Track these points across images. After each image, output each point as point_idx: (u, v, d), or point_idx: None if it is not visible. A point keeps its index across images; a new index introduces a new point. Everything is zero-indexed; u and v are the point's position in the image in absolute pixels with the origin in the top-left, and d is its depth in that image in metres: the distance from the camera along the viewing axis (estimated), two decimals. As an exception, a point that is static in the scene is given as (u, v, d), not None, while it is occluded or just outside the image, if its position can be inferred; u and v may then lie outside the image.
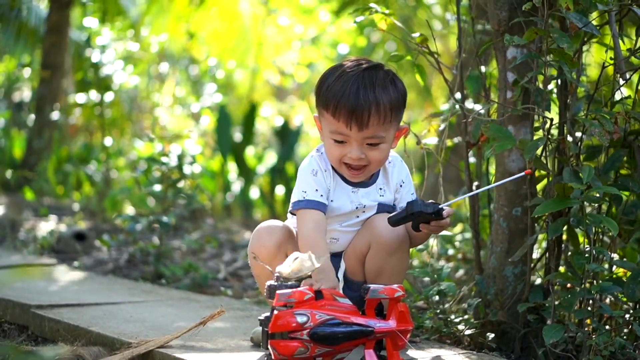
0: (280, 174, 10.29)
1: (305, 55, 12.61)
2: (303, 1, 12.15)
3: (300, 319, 2.95)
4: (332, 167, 3.52)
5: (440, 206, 3.28)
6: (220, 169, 10.31)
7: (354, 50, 11.75)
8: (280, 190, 10.23)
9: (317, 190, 3.46)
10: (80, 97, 10.36)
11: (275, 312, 2.97)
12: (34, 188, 10.13)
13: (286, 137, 10.68)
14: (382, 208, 3.54)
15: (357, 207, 3.51)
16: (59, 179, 10.53)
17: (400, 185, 3.59)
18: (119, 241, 6.46)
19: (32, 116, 12.12)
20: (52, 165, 10.69)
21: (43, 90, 11.52)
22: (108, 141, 10.11)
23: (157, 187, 6.03)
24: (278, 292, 2.96)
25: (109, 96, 10.11)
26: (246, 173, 10.47)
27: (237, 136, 10.77)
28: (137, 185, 8.21)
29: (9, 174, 11.02)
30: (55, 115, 11.03)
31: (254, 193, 10.40)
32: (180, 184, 6.04)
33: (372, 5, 4.08)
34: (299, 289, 3.00)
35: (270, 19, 12.05)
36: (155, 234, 6.09)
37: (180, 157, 6.03)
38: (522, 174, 3.44)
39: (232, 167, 10.68)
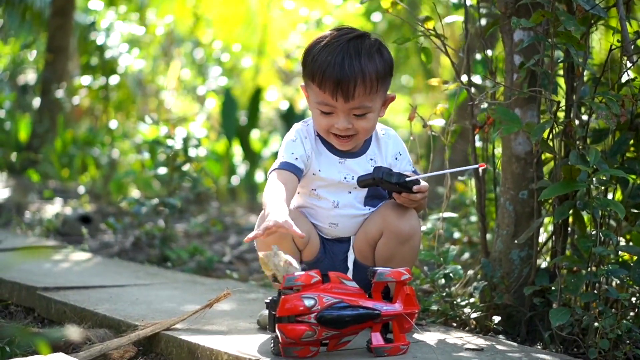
0: (285, 158, 10.31)
1: (310, 38, 12.59)
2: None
3: (308, 302, 2.95)
4: (320, 138, 3.51)
5: (407, 179, 3.31)
6: (225, 153, 10.31)
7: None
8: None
9: (292, 153, 3.46)
10: (85, 80, 10.37)
11: (283, 295, 2.97)
12: (39, 171, 10.14)
13: (291, 120, 10.65)
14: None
15: (345, 177, 3.48)
16: (64, 162, 10.54)
17: (396, 158, 3.57)
18: (125, 224, 6.46)
19: (38, 99, 12.11)
20: (58, 148, 10.70)
21: (48, 73, 11.51)
22: (113, 124, 10.12)
23: (163, 170, 6.03)
24: (285, 275, 2.96)
25: (114, 79, 10.12)
26: (251, 156, 10.47)
27: (243, 119, 10.76)
28: (143, 168, 8.23)
29: (14, 156, 11.03)
30: (59, 94, 11.02)
31: (259, 176, 10.40)
32: (186, 167, 6.04)
33: (378, -12, 4.07)
34: (305, 271, 2.99)
35: (275, 2, 12.02)
36: (160, 217, 6.10)
37: (186, 140, 6.02)
38: (476, 166, 3.44)
39: (237, 151, 10.68)
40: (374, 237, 3.48)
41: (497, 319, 3.77)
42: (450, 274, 3.82)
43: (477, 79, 4.32)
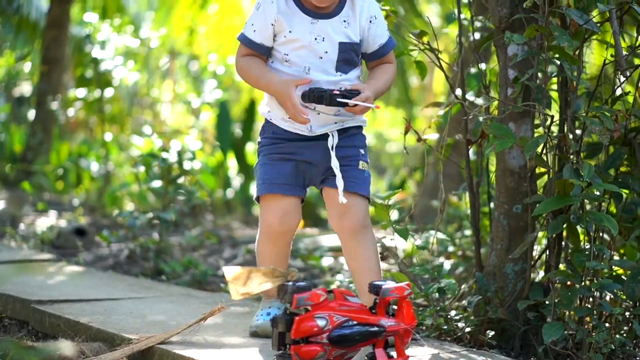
0: (280, 170, 10.29)
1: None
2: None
3: (321, 323, 2.98)
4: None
5: (343, 92, 3.38)
6: (220, 165, 10.32)
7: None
8: (280, 186, 10.23)
9: (252, 24, 3.53)
10: (80, 92, 10.37)
11: (295, 316, 2.99)
12: (34, 183, 10.12)
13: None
14: (346, 47, 3.50)
15: (315, 39, 3.47)
16: (59, 174, 10.53)
17: (370, 21, 3.54)
18: (119, 237, 6.46)
19: (32, 111, 12.11)
20: (52, 160, 10.69)
21: (43, 85, 11.51)
22: (108, 137, 10.12)
23: (157, 183, 6.03)
24: (296, 296, 2.97)
25: (109, 92, 10.12)
26: (246, 169, 10.47)
27: (238, 132, 10.76)
28: (137, 181, 8.22)
29: (8, 168, 11.02)
30: (54, 105, 11.02)
31: (255, 190, 10.38)
32: (180, 180, 6.04)
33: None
34: (313, 290, 3.01)
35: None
36: (155, 230, 6.09)
37: (180, 153, 6.02)
38: (373, 105, 3.44)
39: (232, 163, 10.68)
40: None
41: (491, 333, 3.77)
42: (445, 288, 3.83)
43: (471, 93, 4.34)
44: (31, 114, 12.27)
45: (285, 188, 3.59)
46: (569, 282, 3.65)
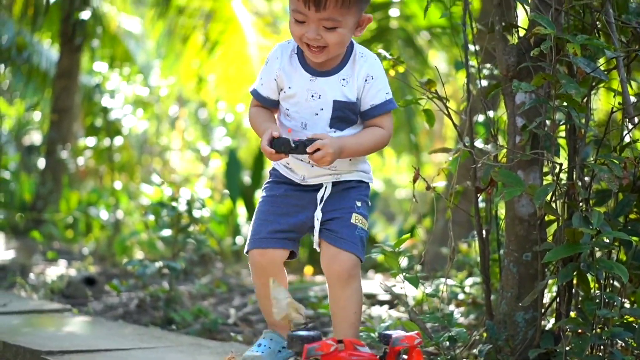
0: (290, 217, 10.26)
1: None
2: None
3: (331, 373, 2.97)
4: (298, 55, 3.57)
5: (302, 141, 3.39)
6: (229, 213, 10.32)
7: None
8: (289, 233, 10.21)
9: (261, 78, 3.63)
10: (90, 141, 10.42)
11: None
12: (44, 232, 10.14)
13: (295, 180, 10.67)
14: (341, 105, 3.52)
15: (312, 96, 3.52)
16: (68, 223, 10.55)
17: (366, 80, 3.54)
18: (129, 286, 6.46)
19: (42, 160, 12.16)
20: (62, 208, 10.71)
21: (53, 134, 11.58)
22: (117, 185, 10.15)
23: (167, 232, 6.04)
24: (306, 346, 2.96)
25: (118, 140, 10.17)
26: (255, 216, 10.46)
27: (247, 180, 10.78)
28: (147, 229, 8.24)
29: (18, 217, 11.05)
30: (64, 154, 11.08)
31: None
32: (190, 229, 6.05)
33: (380, 51, 4.11)
34: (323, 340, 3.00)
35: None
36: (165, 278, 6.09)
37: (190, 202, 6.03)
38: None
39: (241, 211, 10.68)
40: None
41: (502, 381, 3.75)
42: (455, 337, 3.81)
43: (479, 141, 4.35)
44: (41, 163, 12.34)
45: (261, 241, 3.65)
46: (579, 330, 3.63)
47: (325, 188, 3.59)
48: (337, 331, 3.56)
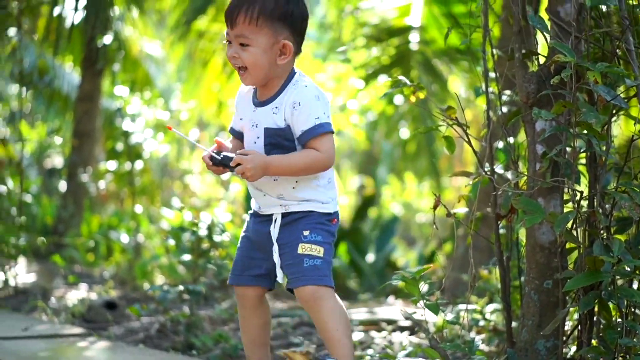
0: (309, 242, 10.26)
1: (333, 122, 12.69)
2: (333, 70, 12.25)
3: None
4: (255, 89, 3.78)
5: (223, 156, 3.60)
6: (249, 237, 10.31)
7: (382, 118, 11.82)
8: (309, 258, 10.21)
9: (234, 117, 3.89)
10: (111, 165, 10.46)
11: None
12: (65, 255, 10.17)
13: (314, 204, 10.67)
14: (272, 132, 3.67)
15: (252, 125, 3.72)
16: (89, 246, 10.58)
17: (294, 107, 3.64)
18: (150, 310, 6.47)
19: (64, 183, 12.21)
20: (83, 232, 10.75)
21: (74, 158, 11.62)
22: (138, 209, 10.18)
23: (187, 257, 6.06)
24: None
25: (139, 164, 10.21)
26: (276, 241, 10.46)
27: (267, 204, 10.78)
28: (167, 253, 8.26)
29: (40, 240, 11.10)
30: (85, 178, 11.13)
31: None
32: (211, 253, 6.06)
33: (401, 78, 4.12)
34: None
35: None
36: (185, 303, 6.10)
37: (211, 227, 6.05)
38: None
39: (261, 235, 10.67)
40: None
41: (523, 409, 3.74)
42: (476, 365, 3.81)
43: (499, 167, 4.35)
44: (62, 186, 12.38)
45: (233, 278, 3.90)
46: (601, 359, 3.62)
47: (275, 220, 3.71)
48: (331, 353, 3.64)
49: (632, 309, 3.71)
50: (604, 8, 3.86)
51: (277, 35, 3.64)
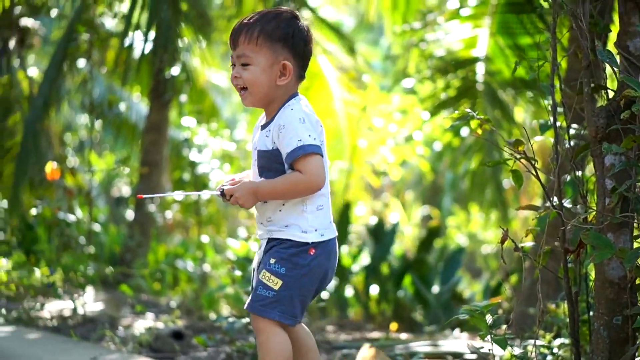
0: (375, 274, 10.26)
1: (399, 153, 12.70)
2: (398, 101, 12.28)
3: None
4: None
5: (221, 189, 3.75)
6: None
7: (447, 149, 11.79)
8: (374, 289, 10.21)
9: None
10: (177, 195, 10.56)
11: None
12: (132, 284, 10.28)
13: (381, 236, 10.68)
14: (262, 155, 3.78)
15: (254, 148, 3.85)
16: (156, 275, 10.68)
17: (279, 130, 3.72)
18: (216, 341, 6.51)
19: (131, 212, 12.35)
20: (150, 261, 10.86)
21: (142, 187, 11.76)
22: (204, 238, 10.26)
23: (254, 287, 6.08)
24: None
25: (205, 195, 10.29)
26: (341, 272, 10.48)
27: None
28: (233, 283, 8.30)
29: (108, 269, 11.23)
30: (152, 207, 11.25)
31: (349, 292, 10.39)
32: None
33: (468, 110, 4.13)
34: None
35: (365, 119, 12.18)
36: (251, 334, 6.13)
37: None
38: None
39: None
40: None
41: None
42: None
43: (567, 201, 4.33)
44: (130, 215, 12.53)
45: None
46: (671, 396, 3.59)
47: (261, 247, 3.82)
48: None
49: None
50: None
51: (277, 56, 3.75)
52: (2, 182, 13.36)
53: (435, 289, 9.78)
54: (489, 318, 3.94)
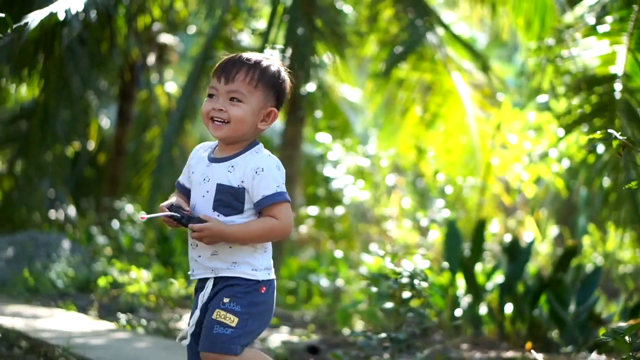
0: (510, 292, 10.15)
1: (533, 171, 12.56)
2: (533, 118, 12.16)
3: None
4: (212, 148, 3.93)
5: (191, 217, 3.74)
6: (448, 285, 10.31)
7: (583, 166, 11.62)
8: (509, 308, 10.10)
9: (184, 169, 4.00)
10: (311, 210, 10.69)
11: None
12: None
13: (516, 254, 10.55)
14: (223, 189, 3.78)
15: (204, 179, 3.82)
16: (290, 289, 10.81)
17: (256, 172, 3.75)
18: (351, 356, 6.56)
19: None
20: (283, 275, 11.00)
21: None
22: (338, 254, 10.34)
23: (389, 305, 6.12)
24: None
25: (339, 210, 10.38)
26: (475, 289, 10.41)
27: (466, 252, 10.75)
28: (368, 299, 8.36)
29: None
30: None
31: (483, 310, 10.30)
32: (412, 301, 6.11)
33: (611, 131, 4.09)
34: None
35: (498, 137, 12.10)
36: (386, 350, 6.16)
37: (413, 275, 6.10)
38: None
39: (460, 283, 10.65)
40: None
41: None
42: None
43: None
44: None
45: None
46: None
47: (206, 288, 3.82)
48: None
49: None
50: None
51: (266, 102, 3.85)
52: (140, 194, 13.75)
53: (572, 308, 9.63)
54: (629, 340, 3.90)
